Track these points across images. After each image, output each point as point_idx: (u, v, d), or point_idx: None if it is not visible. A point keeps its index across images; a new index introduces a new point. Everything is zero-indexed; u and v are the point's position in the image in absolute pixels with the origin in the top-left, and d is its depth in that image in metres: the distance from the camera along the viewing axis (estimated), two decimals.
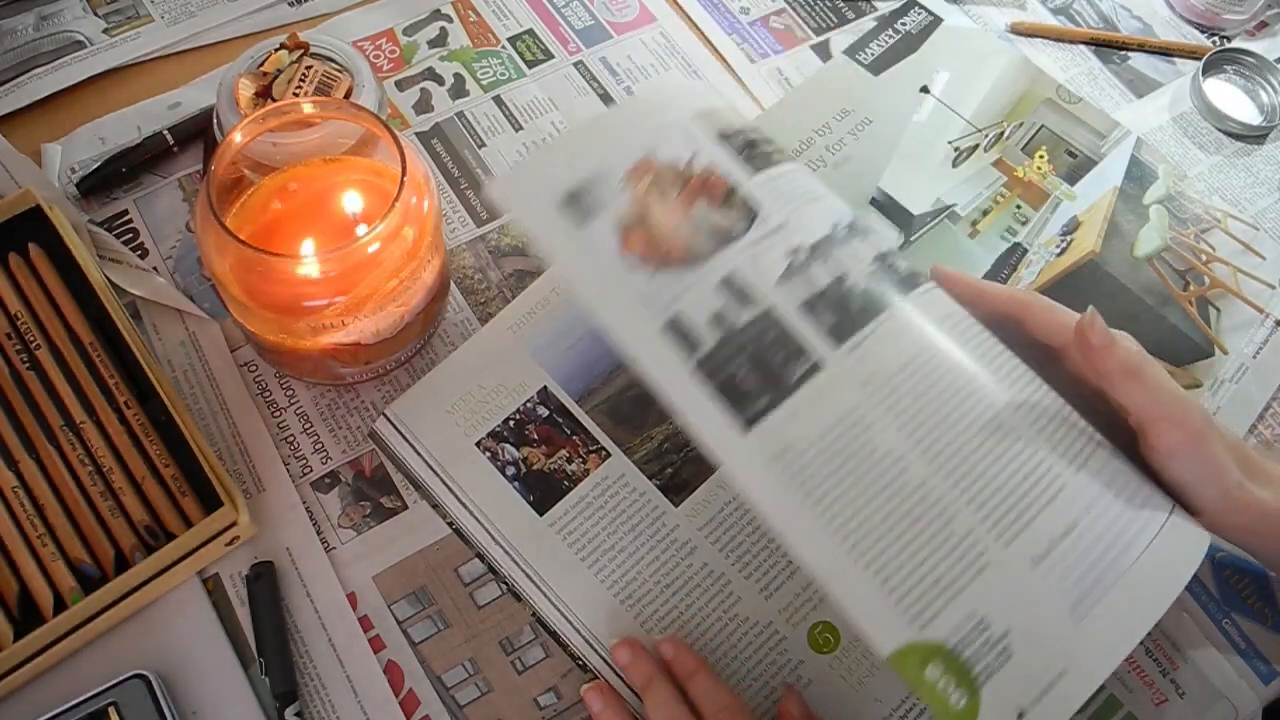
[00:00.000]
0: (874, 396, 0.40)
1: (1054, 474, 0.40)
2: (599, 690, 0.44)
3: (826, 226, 0.43)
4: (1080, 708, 0.45)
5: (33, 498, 0.46)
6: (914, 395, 0.40)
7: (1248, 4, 0.69)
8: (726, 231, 0.43)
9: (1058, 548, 0.39)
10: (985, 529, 0.39)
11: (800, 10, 0.68)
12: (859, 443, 0.40)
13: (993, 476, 0.39)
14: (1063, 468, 0.40)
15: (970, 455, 0.40)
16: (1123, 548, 0.39)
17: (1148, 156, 0.62)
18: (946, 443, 0.40)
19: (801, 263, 0.42)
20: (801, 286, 0.42)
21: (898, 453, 0.39)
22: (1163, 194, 0.60)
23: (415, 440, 0.49)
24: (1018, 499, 0.39)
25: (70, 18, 0.62)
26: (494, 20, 0.65)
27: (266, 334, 0.46)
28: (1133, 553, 0.39)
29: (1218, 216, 0.60)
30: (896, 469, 0.39)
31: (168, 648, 0.45)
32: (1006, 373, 0.42)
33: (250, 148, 0.46)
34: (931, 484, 0.39)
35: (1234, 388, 0.54)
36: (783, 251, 0.42)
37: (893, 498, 0.39)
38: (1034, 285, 0.56)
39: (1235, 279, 0.58)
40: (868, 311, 0.41)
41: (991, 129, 0.62)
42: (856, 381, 0.40)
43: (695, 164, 0.44)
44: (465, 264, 0.56)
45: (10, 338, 0.49)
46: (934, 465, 0.39)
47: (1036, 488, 0.39)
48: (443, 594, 0.47)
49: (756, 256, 0.42)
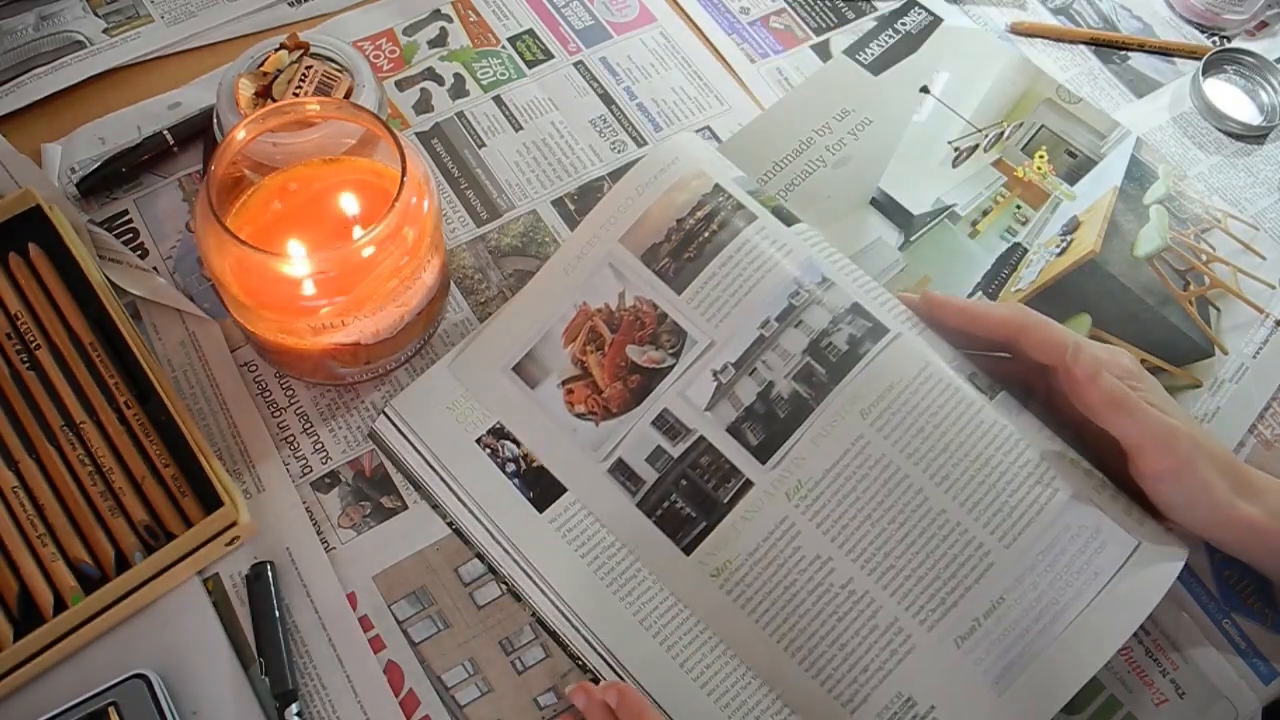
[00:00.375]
0: (799, 506, 0.45)
1: (981, 553, 0.43)
2: (583, 689, 0.44)
3: (755, 329, 0.47)
4: (1078, 712, 0.46)
5: (33, 498, 0.46)
6: (838, 500, 0.44)
7: (1248, 4, 0.69)
8: (658, 366, 0.47)
9: (982, 625, 0.42)
10: (909, 616, 0.43)
11: (800, 10, 0.68)
12: (788, 551, 0.44)
13: (916, 567, 0.43)
14: (993, 545, 0.43)
15: (894, 549, 0.44)
16: (1053, 616, 0.42)
17: (1147, 156, 0.62)
18: (870, 541, 0.44)
19: (728, 382, 0.46)
20: (728, 408, 0.46)
21: (824, 555, 0.44)
22: (1163, 194, 0.60)
23: (415, 437, 0.49)
24: (942, 584, 0.43)
25: (70, 18, 0.62)
26: (494, 20, 0.65)
27: (266, 334, 0.46)
28: (1066, 617, 0.42)
29: (1217, 216, 0.60)
30: (824, 571, 0.44)
31: (168, 648, 0.45)
32: (934, 457, 0.44)
33: (250, 148, 0.46)
34: (856, 581, 0.43)
35: (1234, 387, 0.54)
36: (709, 375, 0.47)
37: (821, 597, 0.44)
38: (1035, 284, 0.56)
39: (1235, 279, 0.58)
40: (793, 420, 0.46)
41: (991, 129, 0.62)
42: (783, 494, 0.45)
43: (625, 299, 0.48)
44: (465, 264, 0.56)
45: (10, 338, 0.49)
46: (858, 563, 0.44)
47: (961, 570, 0.43)
48: (443, 594, 0.47)
49: (685, 387, 0.47)
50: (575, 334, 0.49)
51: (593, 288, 0.49)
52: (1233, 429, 0.53)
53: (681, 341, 0.47)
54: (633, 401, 0.47)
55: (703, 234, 0.48)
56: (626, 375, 0.48)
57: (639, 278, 0.48)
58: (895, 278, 0.56)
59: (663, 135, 0.61)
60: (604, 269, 0.49)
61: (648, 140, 0.61)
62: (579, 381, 0.48)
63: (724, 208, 0.48)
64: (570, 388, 0.48)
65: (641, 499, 0.46)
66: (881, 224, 0.58)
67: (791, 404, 0.45)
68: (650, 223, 0.49)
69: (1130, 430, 0.42)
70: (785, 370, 0.46)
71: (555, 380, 0.49)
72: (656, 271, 0.48)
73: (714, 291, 0.47)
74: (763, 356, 0.46)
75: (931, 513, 0.43)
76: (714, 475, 0.46)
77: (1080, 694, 0.41)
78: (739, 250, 0.47)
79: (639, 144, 0.61)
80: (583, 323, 0.49)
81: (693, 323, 0.47)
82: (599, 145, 0.61)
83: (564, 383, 0.48)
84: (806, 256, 0.47)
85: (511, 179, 0.59)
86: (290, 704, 0.43)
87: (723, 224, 0.48)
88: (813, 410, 0.45)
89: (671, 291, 0.48)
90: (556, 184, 0.59)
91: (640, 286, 0.48)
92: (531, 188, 0.59)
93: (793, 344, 0.46)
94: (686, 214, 0.48)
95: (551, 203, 0.58)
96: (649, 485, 0.46)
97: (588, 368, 0.48)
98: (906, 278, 0.56)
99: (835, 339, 0.46)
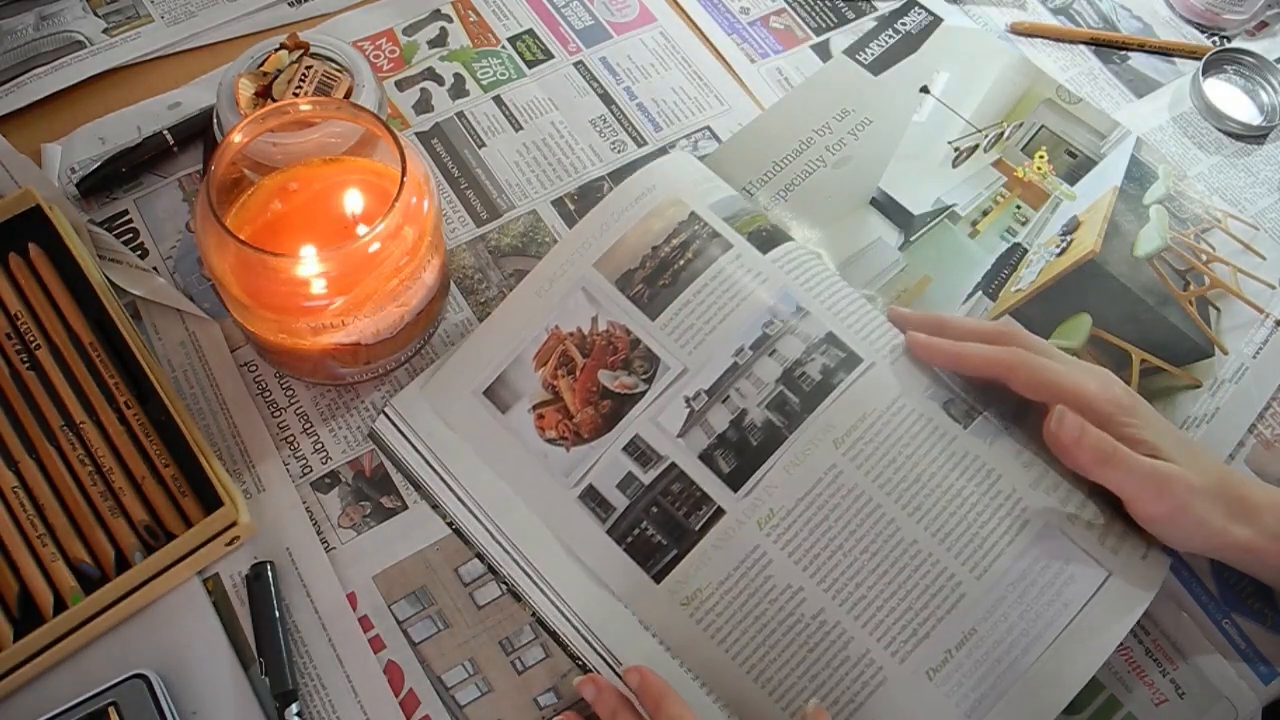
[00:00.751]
0: (771, 535, 0.44)
1: (953, 584, 0.43)
2: (592, 680, 0.44)
3: (728, 356, 0.47)
4: (1078, 712, 0.46)
5: (33, 498, 0.46)
6: (809, 529, 0.44)
7: (1248, 4, 0.69)
8: (630, 391, 0.47)
9: (954, 658, 0.42)
10: (880, 648, 0.43)
11: (800, 10, 0.68)
12: (759, 580, 0.44)
13: (888, 599, 0.43)
14: (964, 576, 0.43)
15: (866, 580, 0.43)
16: (1024, 648, 0.42)
17: (1148, 156, 0.62)
18: (841, 571, 0.44)
19: (700, 409, 0.46)
20: (700, 435, 0.46)
21: (795, 585, 0.44)
22: (1163, 194, 0.60)
23: (415, 436, 0.49)
24: (914, 615, 0.43)
25: (70, 18, 0.62)
26: (494, 20, 0.65)
27: (266, 334, 0.46)
28: (1037, 649, 0.42)
29: (1218, 216, 0.60)
30: (794, 601, 0.44)
31: (168, 648, 0.45)
32: (905, 488, 0.44)
33: (250, 148, 0.46)
34: (828, 611, 0.43)
35: (1234, 387, 0.54)
36: (682, 401, 0.47)
37: (791, 628, 0.43)
38: (1035, 284, 0.56)
39: (1235, 279, 0.58)
40: (765, 449, 0.46)
41: (991, 129, 0.62)
42: (754, 523, 0.45)
43: (599, 324, 0.48)
44: (465, 264, 0.56)
45: (10, 338, 0.49)
46: (829, 594, 0.43)
47: (934, 601, 0.43)
48: (443, 594, 0.47)
49: (657, 414, 0.47)
50: (547, 358, 0.48)
51: (566, 311, 0.49)
52: (1232, 429, 0.53)
53: (654, 367, 0.47)
54: (604, 427, 0.47)
55: (678, 261, 0.48)
56: (598, 400, 0.47)
57: (613, 303, 0.48)
58: (895, 278, 0.56)
59: (663, 135, 0.61)
60: (577, 293, 0.49)
61: (648, 140, 0.61)
62: (550, 406, 0.48)
63: (699, 236, 0.49)
64: (541, 412, 0.48)
65: (612, 526, 0.46)
66: (881, 224, 0.58)
67: (764, 432, 0.46)
68: (625, 249, 0.49)
69: (1123, 483, 0.43)
70: (758, 399, 0.46)
71: (526, 405, 0.48)
72: (631, 297, 0.48)
73: (688, 319, 0.48)
74: (736, 384, 0.46)
75: (903, 543, 0.43)
76: (685, 503, 0.45)
77: (1080, 694, 0.41)
78: (714, 279, 0.48)
79: (639, 144, 0.61)
80: (555, 346, 0.49)
81: (666, 349, 0.47)
82: (599, 145, 0.61)
83: (535, 407, 0.48)
84: (782, 285, 0.48)
85: (511, 179, 0.59)
86: (290, 704, 0.43)
87: (698, 252, 0.49)
88: (785, 439, 0.45)
89: (645, 317, 0.48)
90: (556, 184, 0.59)
91: (614, 312, 0.48)
92: (531, 188, 0.59)
93: (766, 373, 0.46)
94: (662, 241, 0.49)
95: (551, 203, 0.58)
96: (619, 512, 0.46)
97: (559, 392, 0.48)
98: (906, 278, 0.56)
99: (809, 368, 0.46)
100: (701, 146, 0.61)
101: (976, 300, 0.56)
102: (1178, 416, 0.53)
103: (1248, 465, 0.53)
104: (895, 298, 0.55)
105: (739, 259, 0.48)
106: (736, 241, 0.49)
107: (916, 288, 0.56)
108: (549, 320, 0.49)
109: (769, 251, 0.49)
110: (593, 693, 0.44)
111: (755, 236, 0.50)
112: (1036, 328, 0.55)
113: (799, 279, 0.48)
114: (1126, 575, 0.43)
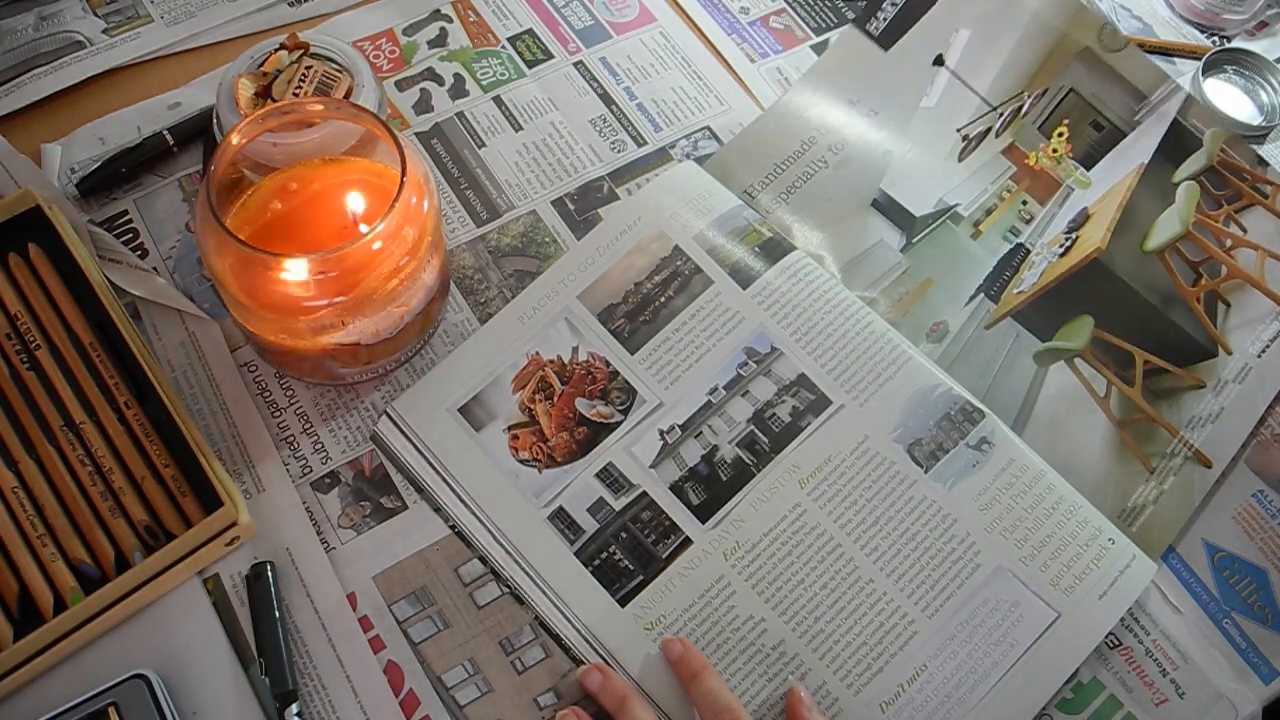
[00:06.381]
0: (736, 566, 0.47)
1: (905, 622, 0.46)
2: (599, 669, 0.44)
3: (703, 394, 0.50)
4: (1078, 712, 0.46)
5: (33, 498, 0.46)
6: (773, 563, 0.47)
7: (1248, 4, 0.68)
8: (606, 420, 0.49)
9: (905, 692, 0.45)
10: (836, 680, 0.45)
11: (800, 10, 0.68)
12: (722, 609, 0.46)
13: (845, 633, 0.45)
14: (916, 615, 0.46)
15: (825, 614, 0.46)
16: (972, 685, 0.45)
17: (1195, 118, 0.56)
18: (802, 604, 0.46)
19: (674, 442, 0.49)
20: (672, 467, 0.48)
21: (757, 616, 0.46)
22: (1202, 165, 0.56)
23: (417, 437, 0.49)
24: (868, 650, 0.45)
25: (70, 18, 0.62)
26: (494, 20, 0.65)
27: (266, 334, 0.46)
28: (985, 685, 0.45)
29: (1266, 192, 0.55)
30: (756, 631, 0.45)
31: (168, 648, 0.45)
32: (864, 529, 0.47)
33: (250, 148, 0.46)
34: (787, 643, 0.45)
35: (1237, 388, 0.54)
36: (656, 434, 0.49)
37: (752, 658, 0.45)
38: (1036, 287, 0.56)
39: (1261, 265, 0.55)
40: (734, 484, 0.48)
41: (1009, 104, 0.58)
42: (720, 554, 0.47)
43: (579, 354, 0.50)
44: (465, 264, 0.56)
45: (10, 338, 0.49)
46: (789, 625, 0.45)
47: (887, 638, 0.45)
48: (443, 594, 0.47)
49: (632, 444, 0.49)
50: (525, 382, 0.50)
51: (547, 339, 0.51)
52: (1235, 429, 0.53)
53: (631, 400, 0.49)
54: (578, 453, 0.49)
55: (659, 299, 0.51)
56: (574, 427, 0.49)
57: (594, 334, 0.51)
58: (897, 280, 0.56)
59: (662, 135, 0.61)
60: (560, 322, 0.51)
61: (648, 140, 0.61)
62: (525, 428, 0.49)
63: (681, 272, 0.51)
64: (516, 434, 0.49)
65: (580, 548, 0.47)
66: (883, 226, 0.58)
67: (734, 468, 0.48)
68: (609, 283, 0.52)
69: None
70: (730, 436, 0.48)
71: (501, 425, 0.49)
72: (612, 330, 0.51)
73: (666, 355, 0.50)
74: (709, 421, 0.49)
75: (860, 581, 0.46)
76: (654, 530, 0.47)
77: (1080, 694, 0.42)
78: (693, 317, 0.50)
79: (639, 144, 0.61)
80: (534, 371, 0.50)
81: (644, 383, 0.50)
82: (599, 145, 0.60)
83: (510, 428, 0.49)
84: (759, 324, 0.50)
85: (511, 179, 0.59)
86: (290, 704, 0.43)
87: (679, 289, 0.51)
88: (754, 476, 0.48)
89: (625, 351, 0.50)
90: (556, 184, 0.59)
91: (595, 343, 0.50)
92: (531, 188, 0.59)
93: (739, 412, 0.49)
94: (644, 278, 0.51)
95: (551, 203, 0.58)
96: (588, 535, 0.47)
97: (535, 416, 0.49)
98: (908, 280, 0.56)
99: (779, 410, 0.49)
100: (701, 146, 0.61)
101: (979, 303, 0.56)
102: (1182, 417, 0.53)
103: (1249, 466, 0.53)
104: (897, 300, 0.55)
105: (718, 297, 0.51)
106: (718, 277, 0.51)
107: (918, 290, 0.56)
108: (530, 346, 0.51)
109: (766, 272, 0.51)
110: (598, 682, 0.44)
111: (755, 251, 0.51)
112: (1038, 330, 0.55)
113: (780, 312, 0.50)
114: (1077, 615, 0.46)
